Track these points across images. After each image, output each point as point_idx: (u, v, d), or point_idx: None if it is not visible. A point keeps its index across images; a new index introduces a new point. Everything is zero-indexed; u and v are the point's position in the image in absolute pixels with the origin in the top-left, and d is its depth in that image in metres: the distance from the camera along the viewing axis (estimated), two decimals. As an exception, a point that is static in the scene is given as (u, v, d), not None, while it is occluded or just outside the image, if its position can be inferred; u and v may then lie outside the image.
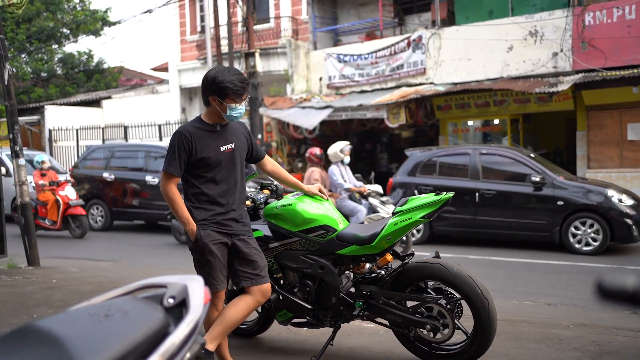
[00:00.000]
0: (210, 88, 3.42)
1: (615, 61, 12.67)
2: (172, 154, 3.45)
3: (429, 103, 15.24)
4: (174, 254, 9.80)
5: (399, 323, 3.75)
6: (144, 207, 12.39)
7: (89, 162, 13.37)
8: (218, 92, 3.40)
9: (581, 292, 6.64)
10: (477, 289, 3.55)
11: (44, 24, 23.64)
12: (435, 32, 15.10)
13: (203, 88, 3.48)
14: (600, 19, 12.97)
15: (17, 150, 7.80)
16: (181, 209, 3.48)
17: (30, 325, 1.47)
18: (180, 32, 20.96)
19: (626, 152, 12.87)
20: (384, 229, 3.64)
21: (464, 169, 10.14)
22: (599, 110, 13.10)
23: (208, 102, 3.48)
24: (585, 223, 9.05)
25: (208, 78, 3.44)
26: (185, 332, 1.51)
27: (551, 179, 9.41)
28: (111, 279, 7.06)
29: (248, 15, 15.68)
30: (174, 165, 3.45)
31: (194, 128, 3.49)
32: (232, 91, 3.38)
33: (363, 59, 16.19)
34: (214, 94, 3.41)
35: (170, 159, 3.46)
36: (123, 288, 1.69)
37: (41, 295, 6.20)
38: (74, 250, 10.28)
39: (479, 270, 6.93)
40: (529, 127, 15.69)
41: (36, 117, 21.39)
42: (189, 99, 21.56)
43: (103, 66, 26.88)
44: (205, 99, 3.48)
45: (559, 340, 4.40)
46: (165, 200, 3.56)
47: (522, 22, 13.88)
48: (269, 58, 17.93)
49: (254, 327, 4.56)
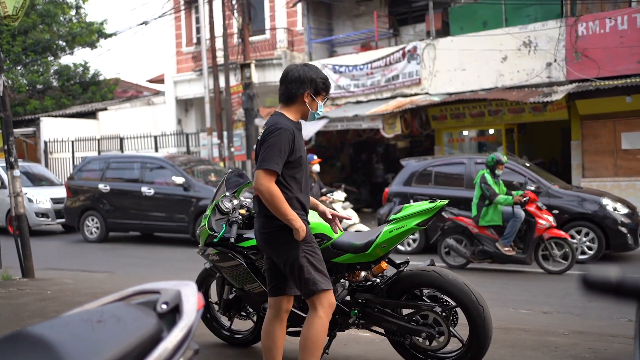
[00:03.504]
0: (306, 83, 3.27)
1: (609, 71, 12.75)
2: (277, 151, 3.16)
3: (424, 113, 15.29)
4: (169, 265, 9.77)
5: (395, 331, 3.74)
6: (140, 219, 12.36)
7: (84, 174, 13.34)
8: (315, 88, 3.30)
9: (577, 300, 6.64)
10: (472, 296, 3.55)
11: (39, 36, 23.69)
12: (430, 42, 15.18)
13: (295, 83, 3.28)
14: (593, 29, 13.07)
15: (12, 161, 7.78)
16: (287, 207, 3.19)
17: (22, 331, 1.47)
18: (176, 44, 21.02)
19: (620, 161, 12.92)
20: (379, 236, 3.65)
21: (460, 178, 10.17)
22: (593, 120, 13.17)
23: (294, 99, 3.31)
24: (581, 232, 9.08)
25: (303, 73, 3.29)
26: (179, 337, 1.51)
27: (546, 188, 9.45)
28: (106, 290, 7.02)
29: (244, 26, 15.74)
30: (280, 163, 3.17)
31: (291, 125, 3.28)
32: (328, 87, 3.37)
33: (358, 70, 16.25)
34: (309, 90, 3.29)
35: (274, 156, 3.15)
36: (116, 294, 1.70)
37: (35, 306, 6.17)
38: (69, 262, 10.24)
39: (474, 279, 6.92)
40: (523, 137, 15.75)
41: (32, 129, 21.37)
42: (184, 110, 21.58)
43: (99, 78, 26.92)
44: (293, 95, 3.29)
45: (555, 348, 4.40)
46: (268, 200, 3.17)
47: (516, 32, 13.97)
48: (264, 69, 17.98)
49: (249, 336, 4.55)
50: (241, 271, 4.01)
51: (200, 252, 4.23)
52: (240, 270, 4.01)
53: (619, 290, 1.31)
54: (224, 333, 4.66)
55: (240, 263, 3.98)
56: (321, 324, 3.27)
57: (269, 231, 3.30)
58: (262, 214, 3.32)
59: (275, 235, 3.29)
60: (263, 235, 3.34)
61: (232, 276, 4.09)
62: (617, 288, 1.31)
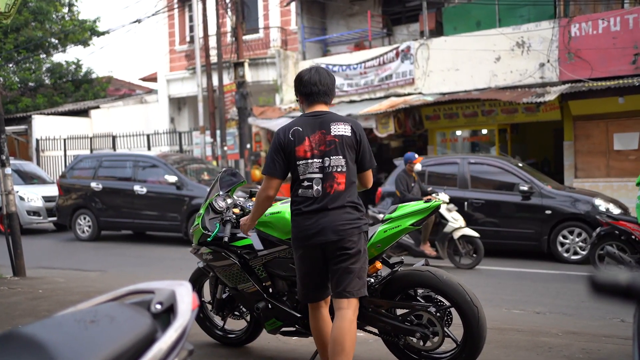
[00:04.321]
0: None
1: (601, 72, 12.79)
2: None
3: (417, 113, 15.30)
4: (162, 264, 9.74)
5: (389, 331, 3.73)
6: (132, 217, 12.31)
7: (76, 172, 13.26)
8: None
9: (570, 301, 6.66)
10: (466, 296, 3.54)
11: (32, 33, 23.54)
12: (424, 42, 15.19)
13: (334, 87, 3.52)
14: (586, 30, 13.11)
15: (4, 159, 7.73)
16: None
17: (14, 331, 1.45)
18: (169, 42, 20.95)
19: (612, 162, 12.97)
20: (373, 236, 3.63)
21: (453, 178, 10.17)
22: (585, 121, 13.21)
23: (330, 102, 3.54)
24: (573, 232, 9.11)
25: (333, 77, 3.52)
26: (173, 338, 1.49)
27: (539, 188, 9.47)
28: (99, 289, 6.98)
29: (237, 25, 15.71)
30: None
31: None
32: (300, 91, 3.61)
33: (352, 69, 16.24)
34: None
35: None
36: (110, 294, 1.68)
37: (27, 305, 6.12)
38: (60, 261, 10.18)
39: (467, 279, 6.93)
40: (516, 137, 15.79)
41: (23, 126, 21.24)
42: (177, 108, 21.52)
43: (91, 76, 26.80)
44: (331, 98, 3.51)
45: (549, 348, 4.41)
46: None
47: (509, 33, 14.00)
48: (258, 68, 17.95)
49: (242, 336, 4.52)
50: (234, 271, 3.99)
51: (194, 251, 4.21)
52: (234, 270, 4.00)
53: (629, 292, 1.28)
54: (217, 333, 4.64)
55: (234, 262, 3.96)
56: (355, 326, 3.33)
57: (361, 222, 3.35)
58: (351, 206, 3.33)
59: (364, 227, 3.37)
60: (356, 224, 3.31)
61: (225, 275, 4.07)
62: (627, 290, 1.28)
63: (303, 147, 3.30)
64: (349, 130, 3.34)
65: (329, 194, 3.27)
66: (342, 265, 3.26)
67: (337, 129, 3.33)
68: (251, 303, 4.04)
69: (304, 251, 3.35)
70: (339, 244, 3.24)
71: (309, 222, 3.28)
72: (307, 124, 3.35)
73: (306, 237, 3.29)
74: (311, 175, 3.29)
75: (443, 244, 8.74)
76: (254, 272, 3.97)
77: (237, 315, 4.43)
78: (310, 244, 3.29)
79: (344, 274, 3.26)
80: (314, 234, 3.26)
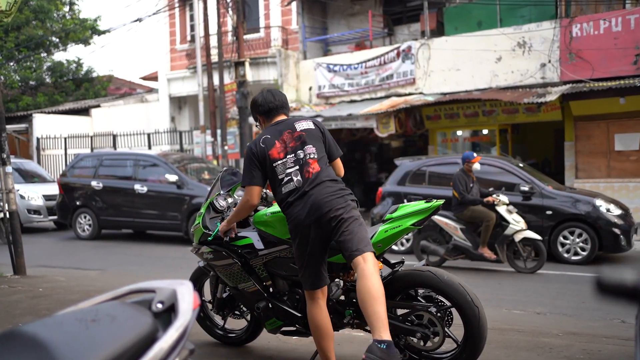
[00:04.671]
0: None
1: (603, 72, 12.79)
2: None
3: (418, 113, 15.30)
4: (162, 263, 9.74)
5: (389, 331, 3.72)
6: (133, 216, 12.31)
7: (77, 171, 13.26)
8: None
9: (570, 301, 6.66)
10: (467, 296, 3.53)
11: (33, 32, 23.54)
12: (425, 42, 15.19)
13: (287, 102, 3.90)
14: (588, 30, 13.11)
15: (4, 158, 7.73)
16: None
17: (15, 330, 1.44)
18: (170, 41, 20.93)
19: (613, 163, 12.97)
20: (374, 236, 3.63)
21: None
22: (586, 121, 13.21)
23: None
24: (574, 232, 9.10)
25: (284, 94, 3.95)
26: (174, 337, 1.48)
27: (540, 188, 9.46)
28: (99, 288, 6.98)
29: (238, 24, 15.69)
30: None
31: None
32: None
33: (353, 69, 16.24)
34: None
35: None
36: (111, 293, 1.67)
37: (27, 304, 6.12)
38: (61, 259, 10.18)
39: (468, 279, 6.92)
40: (517, 137, 15.78)
41: (24, 125, 21.25)
42: (178, 107, 21.51)
43: (92, 75, 26.79)
44: (289, 110, 3.87)
45: (549, 349, 4.40)
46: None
47: (510, 33, 14.00)
48: (258, 67, 17.94)
49: (242, 336, 4.52)
50: (235, 270, 3.99)
51: (194, 250, 4.21)
52: (234, 269, 3.99)
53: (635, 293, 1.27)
54: (217, 332, 4.63)
55: (234, 262, 3.96)
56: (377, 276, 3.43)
57: (344, 192, 3.54)
58: (330, 180, 3.54)
59: (348, 197, 3.56)
60: (339, 194, 3.47)
61: (226, 275, 4.07)
62: (634, 291, 1.27)
63: (276, 150, 3.55)
64: (312, 125, 3.66)
65: (308, 179, 3.48)
66: (342, 231, 3.37)
67: (301, 125, 3.63)
68: (252, 302, 4.03)
69: (301, 235, 3.44)
70: (330, 214, 3.38)
71: (298, 208, 3.44)
72: (274, 131, 3.63)
73: (300, 222, 3.43)
74: (289, 170, 3.52)
75: (503, 247, 8.41)
76: (255, 271, 3.96)
77: (238, 315, 4.42)
78: (305, 224, 3.41)
79: (347, 237, 3.37)
80: (305, 216, 3.40)
